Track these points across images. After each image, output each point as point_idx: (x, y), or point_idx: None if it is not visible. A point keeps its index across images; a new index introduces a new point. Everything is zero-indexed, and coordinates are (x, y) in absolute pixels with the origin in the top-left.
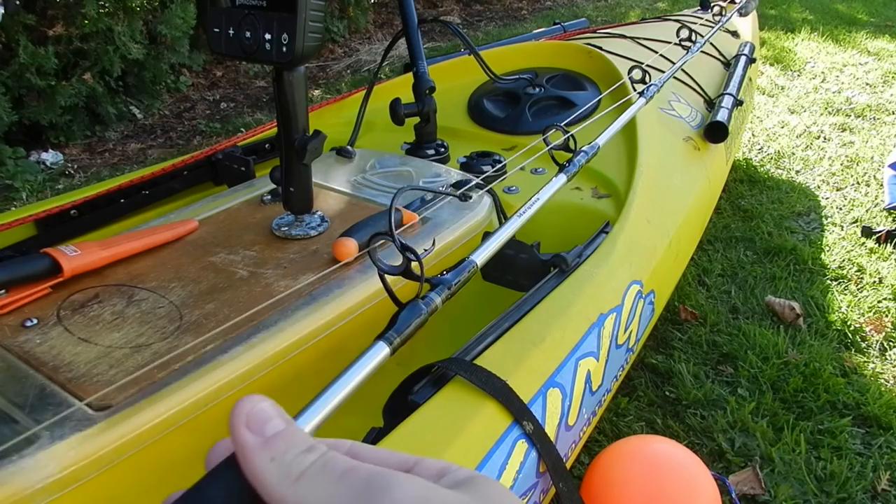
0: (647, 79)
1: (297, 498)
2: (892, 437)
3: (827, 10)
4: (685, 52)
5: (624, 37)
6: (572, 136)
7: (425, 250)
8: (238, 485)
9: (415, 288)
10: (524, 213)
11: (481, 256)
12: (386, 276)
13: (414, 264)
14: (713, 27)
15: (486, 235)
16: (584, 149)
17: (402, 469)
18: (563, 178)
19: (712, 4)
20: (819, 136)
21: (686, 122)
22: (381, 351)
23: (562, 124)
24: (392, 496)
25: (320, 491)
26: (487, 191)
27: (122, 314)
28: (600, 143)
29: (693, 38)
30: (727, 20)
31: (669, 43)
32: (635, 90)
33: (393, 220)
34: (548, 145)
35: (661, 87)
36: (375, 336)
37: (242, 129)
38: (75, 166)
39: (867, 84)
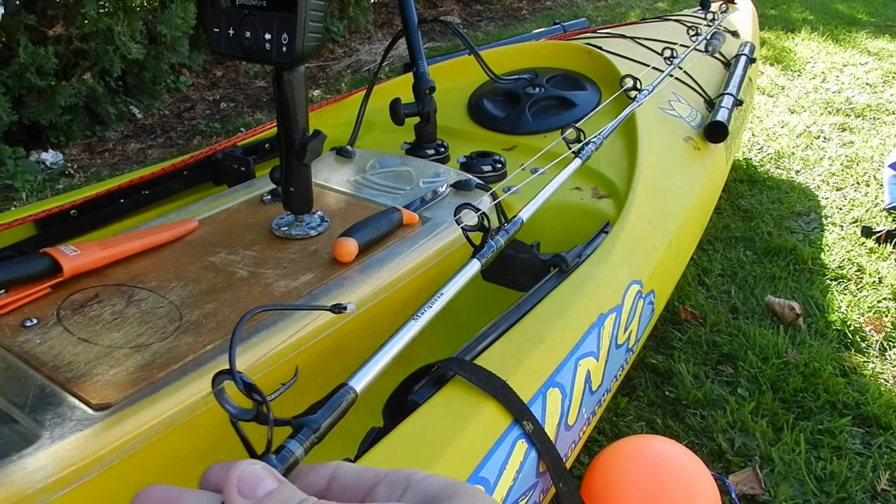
0: (638, 85)
1: None
2: (891, 436)
3: (827, 10)
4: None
5: (624, 37)
6: (582, 131)
7: (283, 384)
8: None
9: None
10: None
11: (360, 384)
12: (238, 422)
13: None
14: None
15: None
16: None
17: (372, 483)
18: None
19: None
20: (819, 136)
21: (686, 122)
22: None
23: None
24: None
25: None
26: (487, 190)
27: (122, 314)
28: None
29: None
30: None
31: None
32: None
33: (234, 356)
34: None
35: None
36: (381, 337)
37: (242, 129)
38: (75, 166)
39: (867, 84)
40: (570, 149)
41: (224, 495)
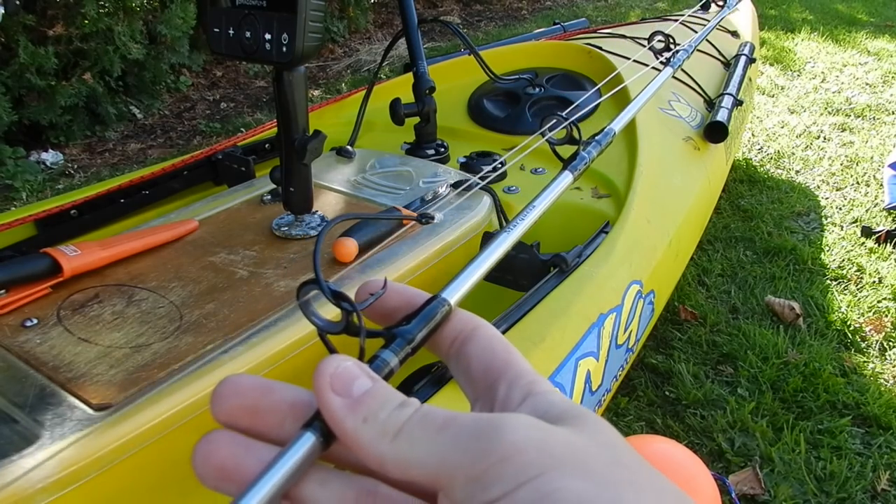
0: (671, 46)
1: (398, 455)
2: (891, 436)
3: (827, 10)
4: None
5: (624, 37)
6: (576, 125)
7: (372, 295)
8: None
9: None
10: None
11: (454, 296)
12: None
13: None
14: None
15: (487, 235)
16: (596, 137)
17: (495, 374)
18: (568, 176)
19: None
20: (819, 136)
21: (686, 122)
22: (308, 441)
23: (566, 119)
24: (507, 439)
25: (423, 445)
26: (487, 191)
27: (122, 314)
28: (616, 128)
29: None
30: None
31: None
32: (659, 58)
33: (319, 265)
34: (550, 142)
35: (690, 54)
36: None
37: (242, 129)
38: (75, 166)
39: (867, 84)
40: (657, 58)
41: (315, 391)
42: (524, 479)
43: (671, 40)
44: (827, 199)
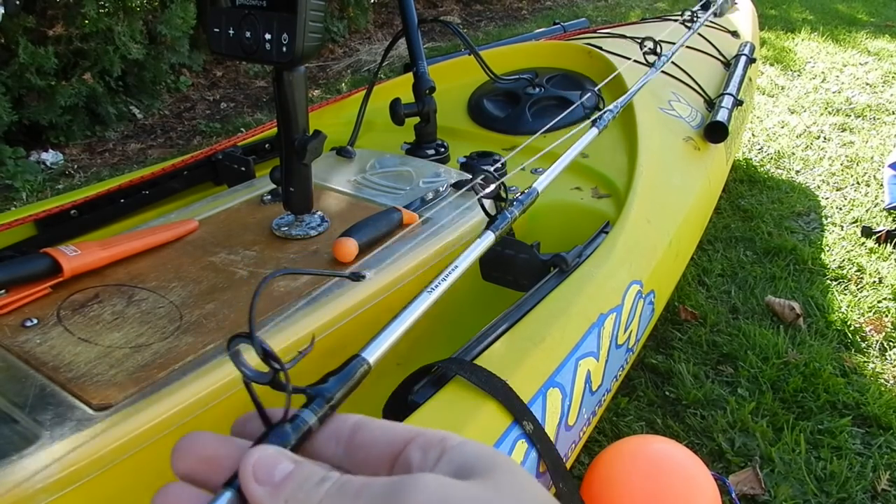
0: (658, 50)
1: None
2: (891, 437)
3: (827, 10)
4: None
5: (624, 37)
6: (503, 184)
7: (300, 352)
8: None
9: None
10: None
11: (374, 356)
12: (252, 384)
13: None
14: (714, 26)
15: None
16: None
17: (401, 444)
18: (490, 236)
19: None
20: (819, 136)
21: (686, 122)
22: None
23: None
24: (412, 501)
25: None
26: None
27: (122, 314)
28: (539, 188)
29: (693, 17)
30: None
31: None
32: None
33: (254, 320)
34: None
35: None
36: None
37: (242, 129)
38: (75, 166)
39: (867, 84)
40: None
41: (241, 484)
42: None
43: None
44: (827, 199)
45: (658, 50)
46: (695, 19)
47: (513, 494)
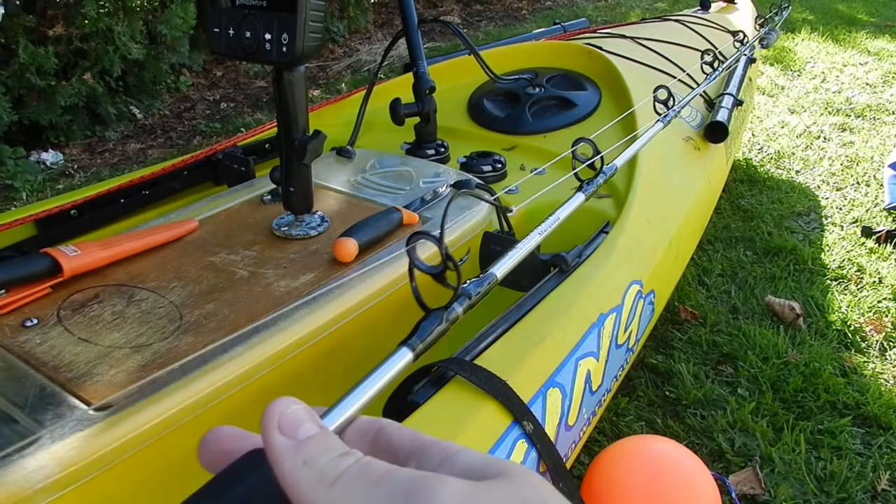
0: (670, 102)
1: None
2: (891, 437)
3: (827, 10)
4: (703, 68)
5: (624, 37)
6: (602, 156)
7: (461, 259)
8: (267, 481)
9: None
10: (544, 230)
11: (501, 270)
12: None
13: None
14: (713, 26)
15: (487, 235)
16: (604, 169)
17: (419, 449)
18: (581, 196)
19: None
20: (819, 136)
21: (686, 122)
22: (405, 356)
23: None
24: (436, 498)
25: (358, 497)
26: (488, 191)
27: (122, 314)
28: (618, 164)
29: (715, 64)
30: (750, 45)
31: (671, 43)
32: (658, 112)
33: (444, 224)
34: (576, 158)
35: (681, 108)
36: (381, 337)
37: (242, 129)
38: (75, 166)
39: (867, 84)
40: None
41: (262, 430)
42: None
43: (671, 95)
44: (827, 199)
45: (715, 64)
46: (744, 43)
47: (531, 497)
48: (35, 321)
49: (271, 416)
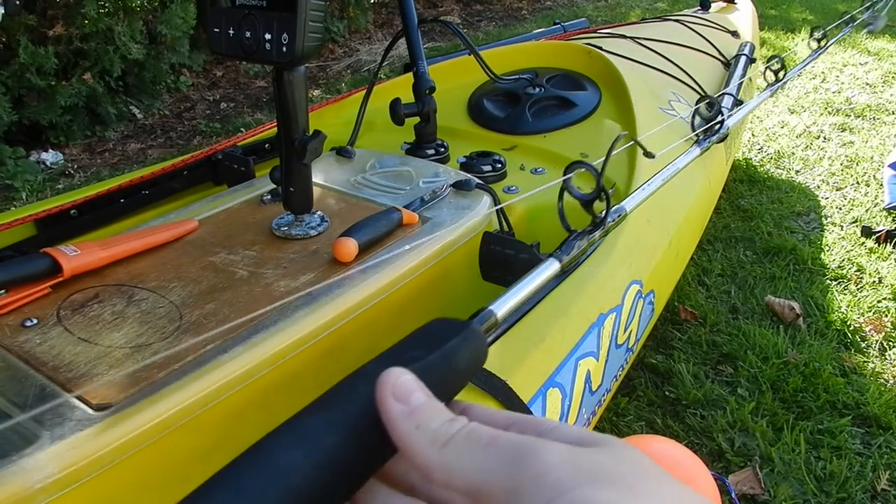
0: (781, 74)
1: (444, 463)
2: (891, 436)
3: (827, 10)
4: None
5: (624, 37)
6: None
7: (611, 189)
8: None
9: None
10: (666, 176)
11: (630, 204)
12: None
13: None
14: (714, 26)
15: (487, 235)
16: (717, 129)
17: (535, 433)
18: (697, 150)
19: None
20: (819, 136)
21: (686, 122)
22: (552, 266)
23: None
24: (543, 459)
25: (468, 457)
26: (487, 191)
27: (122, 314)
28: (730, 124)
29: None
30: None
31: (671, 43)
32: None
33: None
34: (697, 115)
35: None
36: (381, 337)
37: (242, 129)
38: (75, 166)
39: (867, 84)
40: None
41: (378, 396)
42: (558, 492)
43: (784, 67)
44: (827, 198)
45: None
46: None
47: (630, 460)
48: (35, 321)
49: (386, 384)
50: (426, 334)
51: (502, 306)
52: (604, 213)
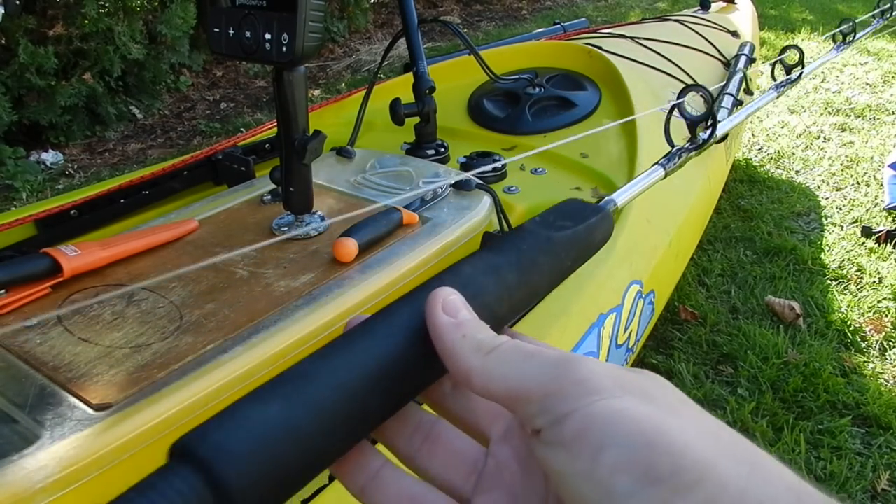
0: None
1: (485, 368)
2: (891, 436)
3: (827, 10)
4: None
5: (624, 37)
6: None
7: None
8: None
9: None
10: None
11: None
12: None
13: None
14: (714, 26)
15: (487, 235)
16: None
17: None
18: (773, 93)
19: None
20: (819, 136)
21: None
22: (657, 173)
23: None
24: (585, 367)
25: (510, 364)
26: (487, 191)
27: (122, 314)
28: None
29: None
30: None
31: (671, 43)
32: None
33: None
34: (781, 62)
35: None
36: None
37: (242, 129)
38: (75, 166)
39: (867, 84)
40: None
41: (427, 310)
42: (597, 397)
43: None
44: (827, 199)
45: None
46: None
47: (672, 390)
48: (35, 321)
49: (436, 300)
50: (565, 210)
51: (621, 196)
52: (708, 132)
